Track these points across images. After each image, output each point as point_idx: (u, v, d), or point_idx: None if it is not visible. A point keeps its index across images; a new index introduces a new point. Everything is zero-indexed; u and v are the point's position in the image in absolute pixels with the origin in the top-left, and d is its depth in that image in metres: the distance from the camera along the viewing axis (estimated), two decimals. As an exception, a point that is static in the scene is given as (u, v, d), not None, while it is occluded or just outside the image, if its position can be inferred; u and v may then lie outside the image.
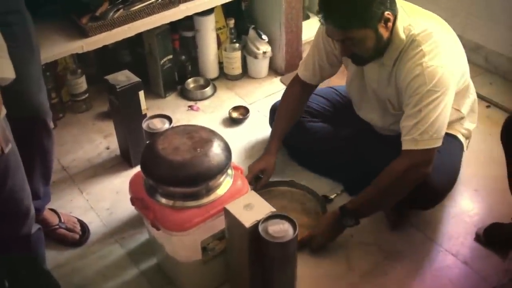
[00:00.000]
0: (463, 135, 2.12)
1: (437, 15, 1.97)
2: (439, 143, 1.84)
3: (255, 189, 2.12)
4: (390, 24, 1.80)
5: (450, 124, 2.06)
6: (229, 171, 1.85)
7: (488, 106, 2.71)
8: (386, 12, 1.76)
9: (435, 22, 1.92)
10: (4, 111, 1.39)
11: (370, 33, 1.78)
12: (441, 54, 1.81)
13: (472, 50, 2.91)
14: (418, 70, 1.80)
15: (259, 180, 2.19)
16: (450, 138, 2.07)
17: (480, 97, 2.50)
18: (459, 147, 2.11)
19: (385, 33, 1.81)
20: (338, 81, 2.42)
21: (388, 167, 1.88)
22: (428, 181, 1.91)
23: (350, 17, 1.74)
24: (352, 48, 1.83)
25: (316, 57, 2.16)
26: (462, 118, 2.09)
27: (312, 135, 2.31)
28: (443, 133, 1.84)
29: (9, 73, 1.36)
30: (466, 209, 2.19)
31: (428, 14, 1.94)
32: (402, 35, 1.83)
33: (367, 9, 1.73)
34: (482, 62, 2.96)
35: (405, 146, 1.85)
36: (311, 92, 2.30)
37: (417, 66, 1.80)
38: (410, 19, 1.85)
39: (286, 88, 2.30)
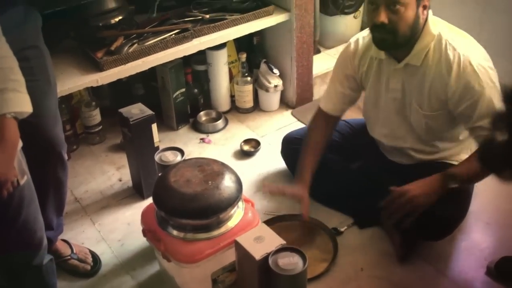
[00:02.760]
0: None
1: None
2: None
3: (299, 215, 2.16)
4: (426, 13, 1.85)
5: (464, 151, 2.09)
6: (240, 203, 1.87)
7: (498, 140, 2.71)
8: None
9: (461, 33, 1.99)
10: (20, 143, 1.42)
11: (413, 5, 1.81)
12: (477, 53, 1.90)
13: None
14: (469, 77, 1.85)
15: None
16: None
17: (490, 130, 2.50)
18: None
19: (421, 17, 1.85)
20: (350, 113, 2.43)
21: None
22: (440, 210, 1.92)
23: None
24: (391, 15, 1.81)
25: (337, 85, 2.18)
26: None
27: (322, 168, 2.32)
28: None
29: (27, 107, 1.40)
30: (477, 242, 2.18)
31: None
32: (434, 31, 1.88)
33: None
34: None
35: None
36: (334, 125, 2.28)
37: (463, 70, 1.85)
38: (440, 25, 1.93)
39: (309, 123, 2.28)
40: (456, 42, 1.89)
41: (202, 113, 2.97)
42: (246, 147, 2.75)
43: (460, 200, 2.04)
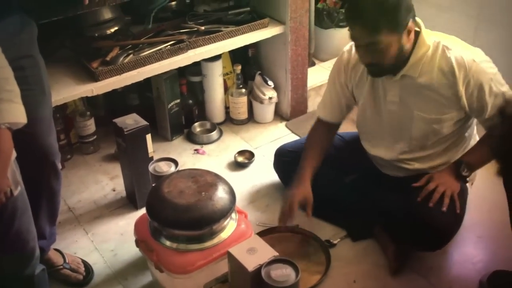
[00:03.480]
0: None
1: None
2: None
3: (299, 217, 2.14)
4: (412, 35, 1.87)
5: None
6: (233, 215, 1.87)
7: (491, 154, 2.72)
8: (411, 22, 1.83)
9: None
10: (14, 154, 1.43)
11: (395, 40, 1.82)
12: (476, 52, 1.95)
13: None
14: (477, 74, 1.88)
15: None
16: None
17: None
18: (465, 187, 2.12)
19: (406, 43, 1.86)
20: (343, 127, 2.44)
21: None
22: (436, 220, 1.92)
23: (379, 20, 1.77)
24: (374, 55, 1.85)
25: (333, 93, 2.18)
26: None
27: (315, 181, 2.32)
28: None
29: (21, 118, 1.41)
30: (469, 256, 2.19)
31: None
32: (428, 42, 1.90)
33: (396, 14, 1.78)
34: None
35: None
36: (332, 132, 2.26)
37: (470, 68, 1.88)
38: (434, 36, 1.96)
39: (309, 132, 2.27)
40: (453, 46, 1.92)
41: (196, 124, 2.97)
42: (240, 159, 2.76)
43: (455, 209, 2.04)
